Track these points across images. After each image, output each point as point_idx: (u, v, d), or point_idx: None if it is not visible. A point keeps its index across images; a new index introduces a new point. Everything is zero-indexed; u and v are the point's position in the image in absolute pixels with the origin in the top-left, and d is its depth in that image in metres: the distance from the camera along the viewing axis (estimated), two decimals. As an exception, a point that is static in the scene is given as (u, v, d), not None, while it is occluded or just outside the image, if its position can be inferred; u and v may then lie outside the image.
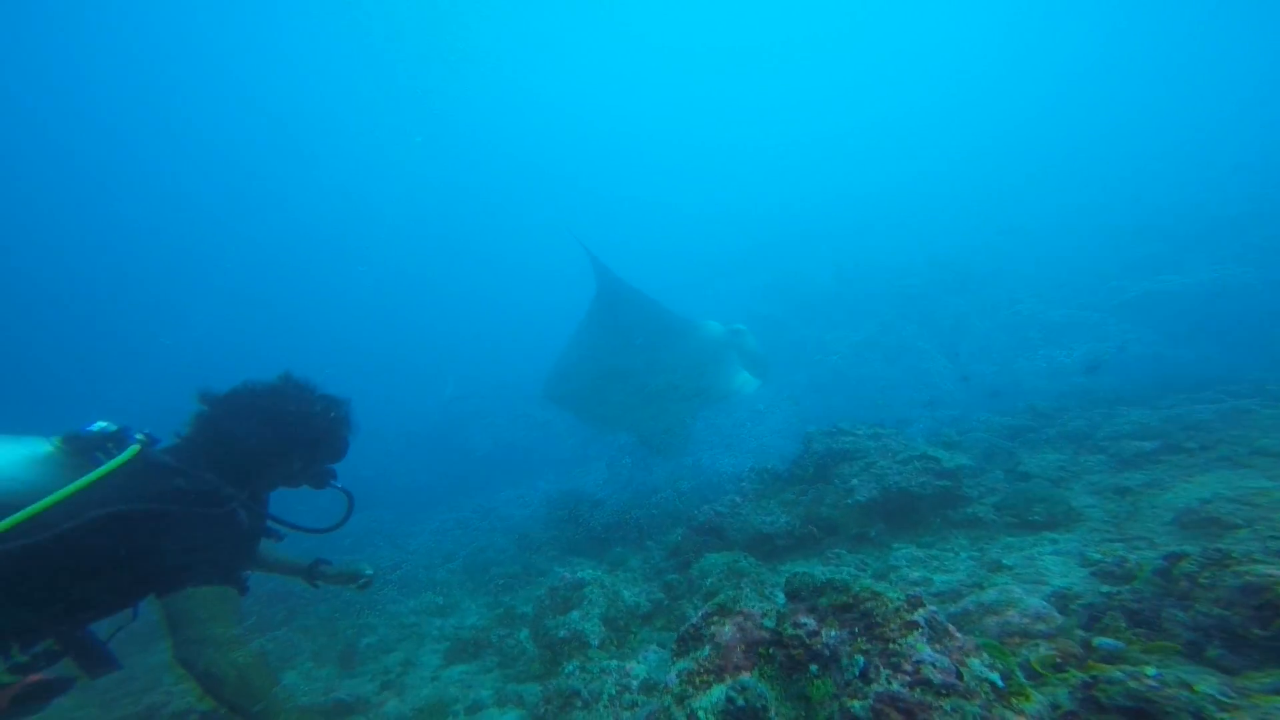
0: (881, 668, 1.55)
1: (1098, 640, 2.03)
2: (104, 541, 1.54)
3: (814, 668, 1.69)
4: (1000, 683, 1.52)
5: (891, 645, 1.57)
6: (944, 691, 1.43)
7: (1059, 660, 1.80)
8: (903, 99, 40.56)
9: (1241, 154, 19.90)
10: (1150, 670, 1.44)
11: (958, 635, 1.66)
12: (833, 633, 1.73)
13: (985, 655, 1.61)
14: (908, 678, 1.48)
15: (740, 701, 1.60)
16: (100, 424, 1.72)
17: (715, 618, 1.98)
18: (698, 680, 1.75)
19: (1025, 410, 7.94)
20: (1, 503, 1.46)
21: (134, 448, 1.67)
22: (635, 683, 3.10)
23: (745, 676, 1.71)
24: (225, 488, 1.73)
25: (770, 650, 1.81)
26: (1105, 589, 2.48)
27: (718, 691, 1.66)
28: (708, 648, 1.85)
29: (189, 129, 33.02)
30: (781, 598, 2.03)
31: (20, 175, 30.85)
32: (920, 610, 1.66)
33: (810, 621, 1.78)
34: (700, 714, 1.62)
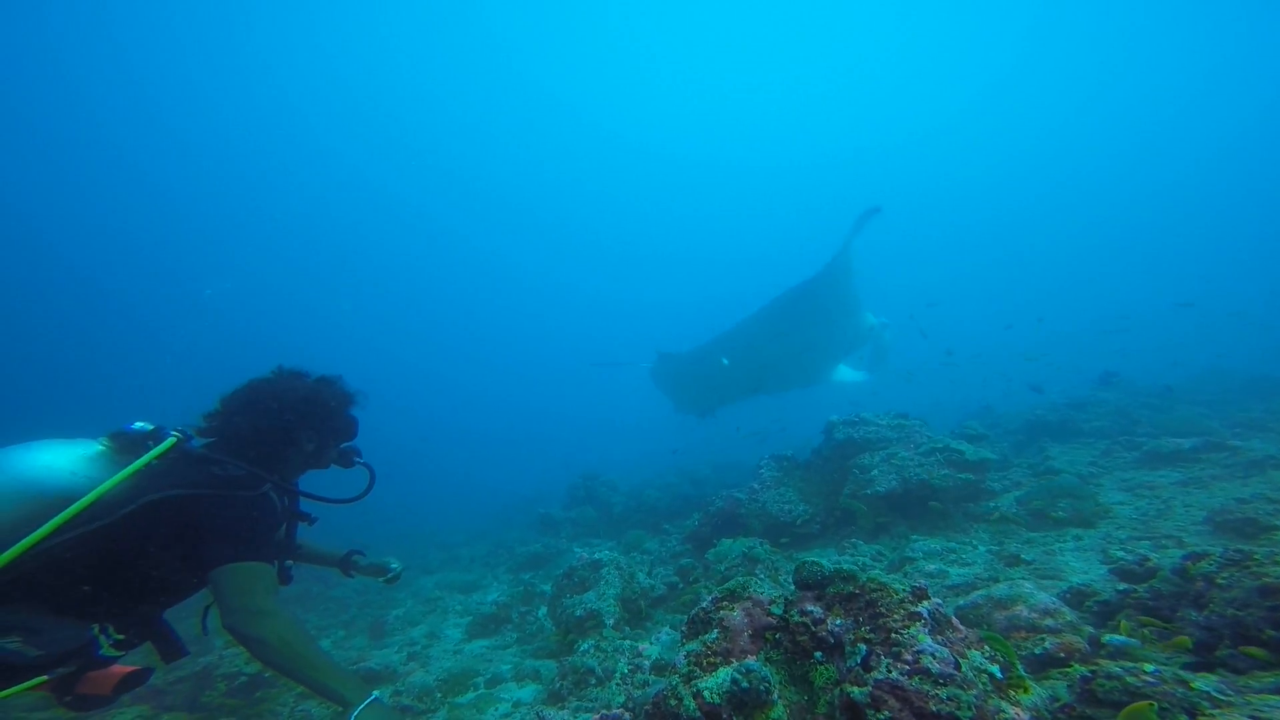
0: (883, 656, 1.58)
1: (1107, 637, 2.03)
2: (155, 524, 1.74)
3: (819, 654, 1.73)
4: (999, 674, 1.55)
5: (894, 635, 1.61)
6: (941, 681, 1.46)
7: (1063, 655, 1.81)
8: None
9: None
10: (1149, 667, 1.45)
11: (961, 627, 1.69)
12: (838, 621, 1.77)
13: (987, 648, 1.64)
14: (907, 666, 1.52)
15: (745, 684, 1.66)
16: (139, 424, 1.90)
17: (725, 603, 2.03)
18: (705, 662, 1.81)
19: (1060, 404, 7.75)
20: (68, 497, 1.65)
21: (171, 439, 1.86)
22: (647, 662, 3.20)
23: (751, 660, 1.77)
24: (256, 471, 1.90)
25: (777, 636, 1.87)
26: (1123, 586, 2.46)
27: (723, 674, 1.72)
28: (716, 631, 1.91)
29: (195, 131, 32.74)
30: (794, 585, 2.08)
31: (19, 180, 30.80)
32: (924, 602, 1.68)
33: (817, 609, 1.83)
34: (706, 694, 1.68)
